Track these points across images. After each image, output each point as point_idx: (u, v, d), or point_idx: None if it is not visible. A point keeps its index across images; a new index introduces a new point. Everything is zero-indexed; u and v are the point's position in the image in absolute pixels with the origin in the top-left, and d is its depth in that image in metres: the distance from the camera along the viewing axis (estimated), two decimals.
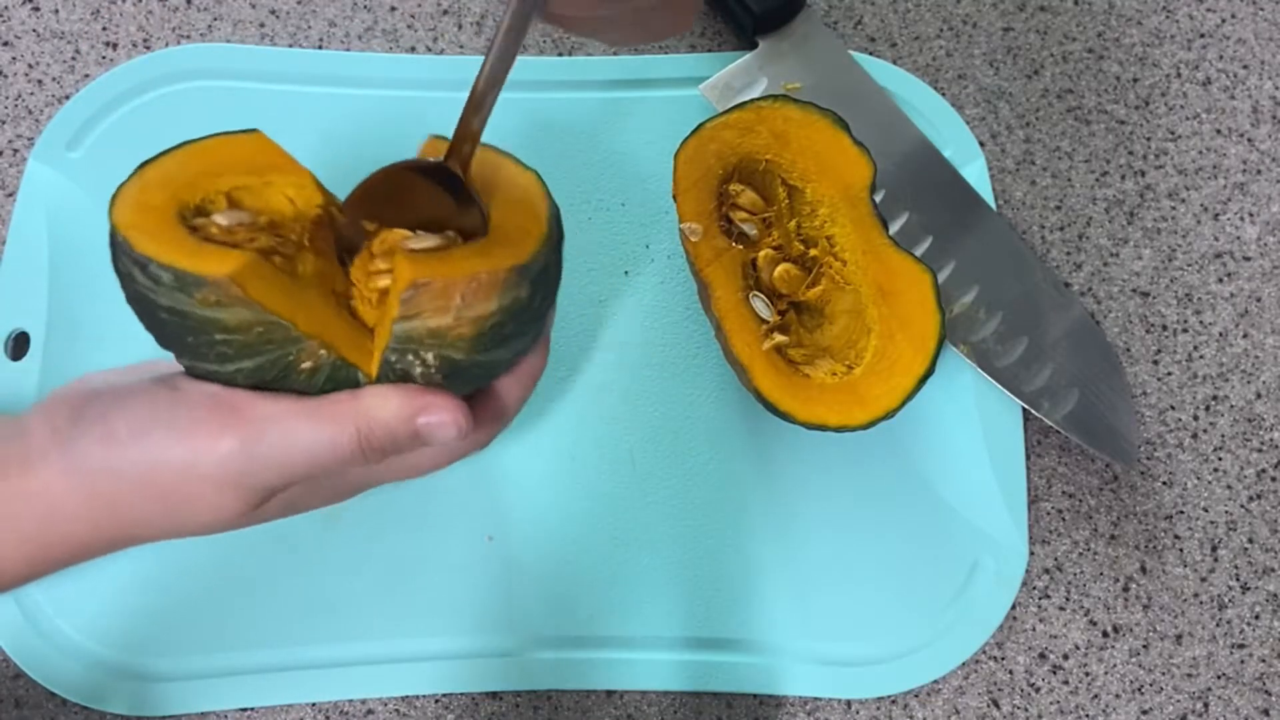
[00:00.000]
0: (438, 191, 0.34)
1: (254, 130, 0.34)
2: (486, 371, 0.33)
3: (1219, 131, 0.52)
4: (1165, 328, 0.49)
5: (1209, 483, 0.47)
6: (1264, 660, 0.45)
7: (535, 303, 0.32)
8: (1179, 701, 0.44)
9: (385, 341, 0.31)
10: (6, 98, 0.52)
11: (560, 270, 0.35)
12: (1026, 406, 0.46)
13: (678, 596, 0.45)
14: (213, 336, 0.30)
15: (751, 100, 0.43)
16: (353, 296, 0.34)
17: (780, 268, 0.44)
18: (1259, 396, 0.48)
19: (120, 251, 0.30)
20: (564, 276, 0.48)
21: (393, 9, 0.54)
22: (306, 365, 0.31)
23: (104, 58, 0.52)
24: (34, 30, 0.53)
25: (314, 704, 0.44)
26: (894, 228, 0.48)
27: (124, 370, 0.34)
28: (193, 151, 0.34)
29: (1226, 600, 0.46)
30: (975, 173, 0.50)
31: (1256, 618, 0.45)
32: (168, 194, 0.32)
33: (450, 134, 0.34)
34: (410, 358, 0.31)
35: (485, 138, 0.34)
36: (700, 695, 0.44)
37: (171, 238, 0.30)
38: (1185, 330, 0.49)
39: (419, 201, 0.34)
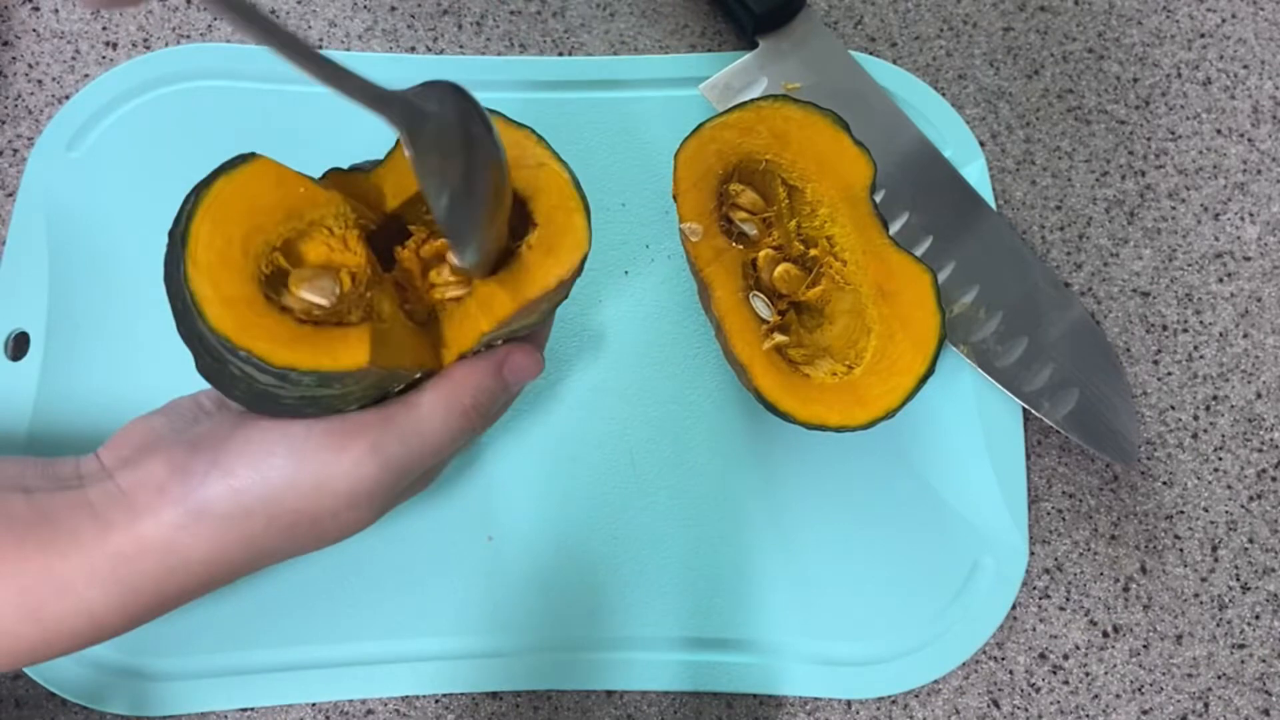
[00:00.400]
0: None
1: (254, 157, 0.32)
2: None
3: (1219, 131, 0.52)
4: (1165, 328, 0.49)
5: (1209, 483, 0.47)
6: (1264, 660, 0.45)
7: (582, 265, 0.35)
8: (1179, 702, 0.44)
9: (469, 347, 0.33)
10: (6, 98, 0.52)
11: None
12: (1027, 406, 0.46)
13: (678, 596, 0.45)
14: (336, 407, 0.32)
15: (751, 100, 0.43)
16: (408, 298, 0.35)
17: (780, 268, 0.43)
18: (1259, 396, 0.48)
19: (236, 359, 0.29)
20: None
21: (393, 9, 0.54)
22: (399, 387, 0.33)
23: (104, 58, 0.52)
24: (34, 30, 0.53)
25: (314, 704, 0.44)
26: (894, 228, 0.48)
27: (173, 414, 0.34)
28: (219, 209, 0.30)
29: (1227, 600, 0.46)
30: (975, 173, 0.50)
31: (1257, 618, 0.45)
32: (238, 275, 0.30)
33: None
34: (483, 347, 0.34)
35: None
36: (700, 695, 0.44)
37: (293, 337, 0.30)
38: (1185, 330, 0.49)
39: None
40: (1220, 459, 0.47)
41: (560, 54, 0.53)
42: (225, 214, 0.30)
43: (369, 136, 0.51)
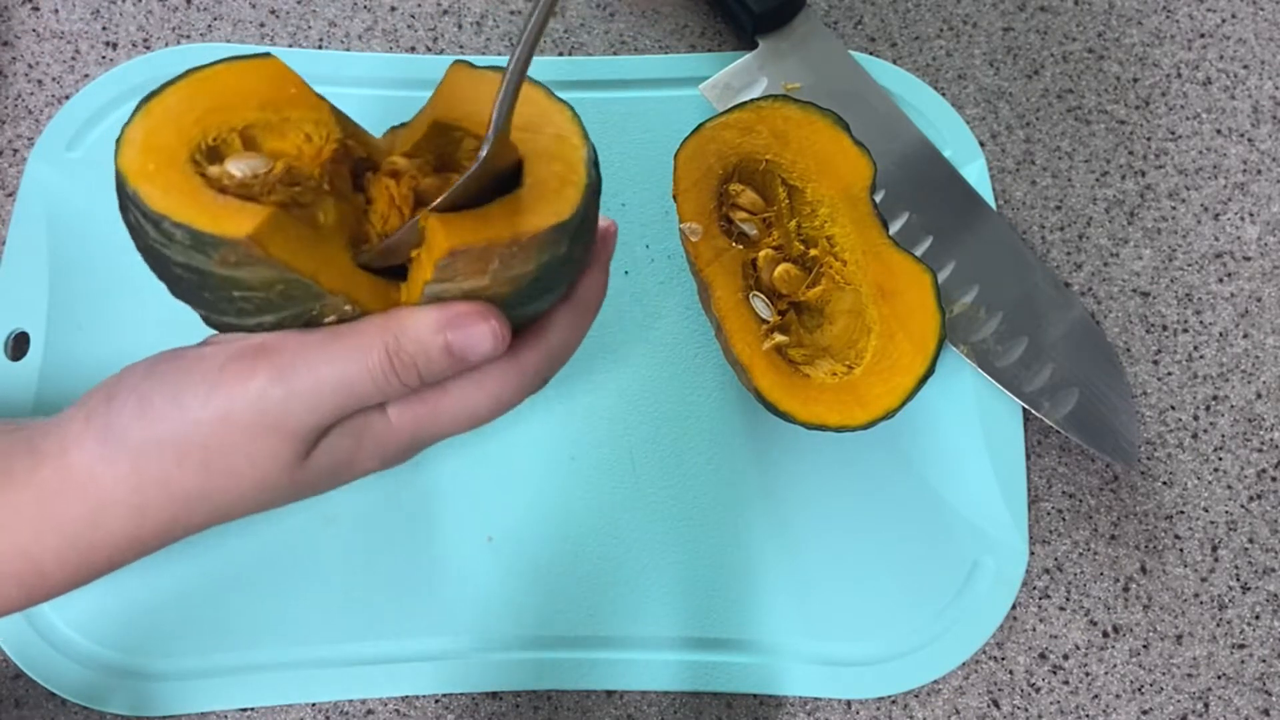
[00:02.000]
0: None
1: (267, 55, 0.32)
2: (523, 319, 0.32)
3: (1219, 131, 0.52)
4: (1165, 328, 0.49)
5: (1209, 483, 0.47)
6: (1264, 660, 0.45)
7: (574, 254, 0.31)
8: (1179, 702, 0.44)
9: (415, 300, 0.29)
10: (6, 98, 0.52)
11: (597, 217, 0.33)
12: (1027, 406, 0.46)
13: (678, 596, 0.45)
14: (231, 294, 0.29)
15: (751, 100, 0.43)
16: (371, 227, 0.32)
17: (780, 268, 0.43)
18: (1259, 396, 0.48)
19: (130, 203, 0.28)
20: None
21: (393, 9, 0.54)
22: (331, 319, 0.30)
23: (104, 58, 0.52)
24: (34, 30, 0.53)
25: (314, 704, 0.44)
26: (894, 228, 0.48)
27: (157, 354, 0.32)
28: (200, 82, 0.31)
29: (1227, 600, 0.46)
30: (975, 173, 0.50)
31: (1257, 618, 0.45)
32: (177, 135, 0.29)
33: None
34: None
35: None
36: (700, 695, 0.44)
37: (185, 189, 0.28)
38: (1185, 330, 0.49)
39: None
40: (1220, 459, 0.47)
41: (560, 54, 0.53)
42: (199, 87, 0.30)
43: None
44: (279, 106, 0.31)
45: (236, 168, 0.29)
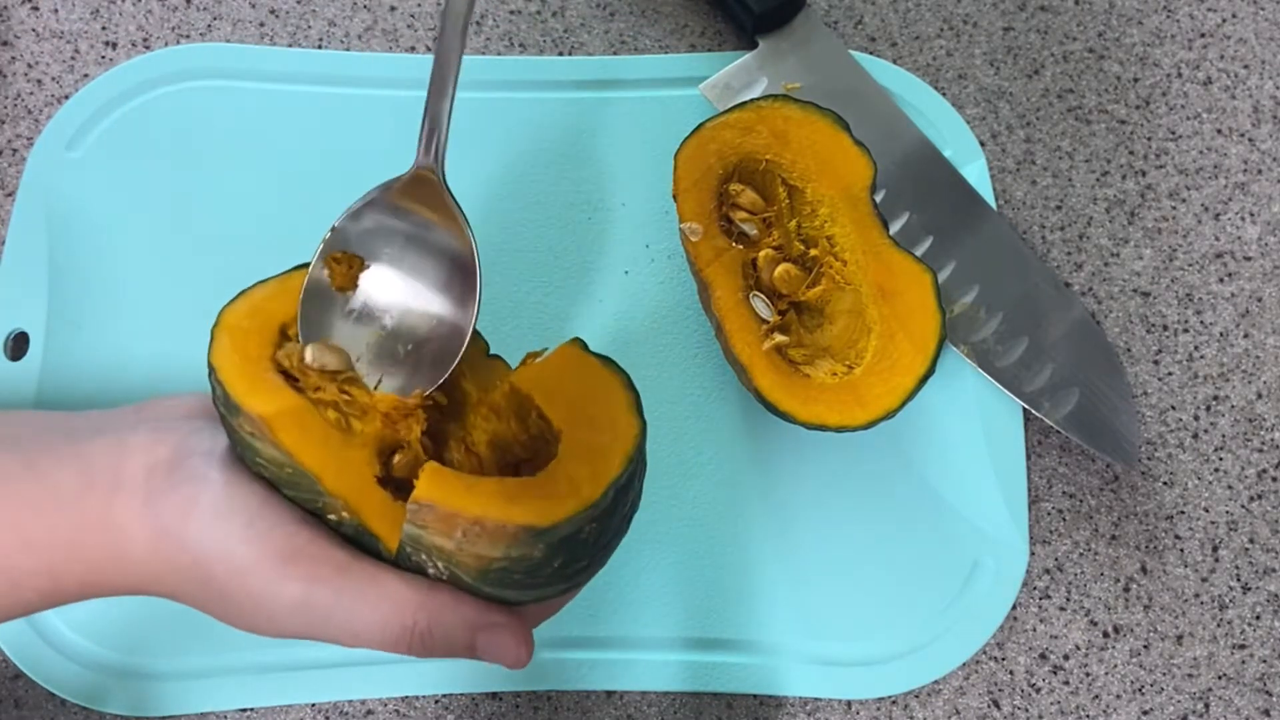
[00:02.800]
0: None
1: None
2: (499, 600, 0.31)
3: (1220, 131, 0.52)
4: (1166, 328, 0.49)
5: (1210, 483, 0.47)
6: (1265, 661, 0.45)
7: (556, 564, 0.30)
8: (1180, 702, 0.44)
9: (400, 532, 0.30)
10: (6, 97, 0.52)
11: (612, 540, 0.32)
12: (1027, 406, 0.46)
13: (678, 596, 0.45)
14: (255, 459, 0.31)
15: (751, 100, 0.43)
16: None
17: (780, 268, 0.43)
18: (1260, 396, 0.48)
19: (208, 360, 0.31)
20: (564, 276, 0.49)
21: (393, 9, 0.54)
22: (332, 518, 0.31)
23: (103, 57, 0.52)
24: (33, 30, 0.53)
25: (314, 704, 0.44)
26: (894, 227, 0.48)
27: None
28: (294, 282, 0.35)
29: (1227, 600, 0.45)
30: (975, 172, 0.50)
31: (1257, 618, 0.45)
32: (288, 308, 0.33)
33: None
34: (424, 557, 0.30)
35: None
36: (700, 696, 0.44)
37: (246, 357, 0.31)
38: (1186, 330, 0.49)
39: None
40: (1221, 459, 0.47)
41: (560, 54, 0.53)
42: (279, 284, 0.34)
43: (369, 136, 0.51)
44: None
45: (310, 354, 0.32)
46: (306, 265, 0.34)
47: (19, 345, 0.47)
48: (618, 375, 0.33)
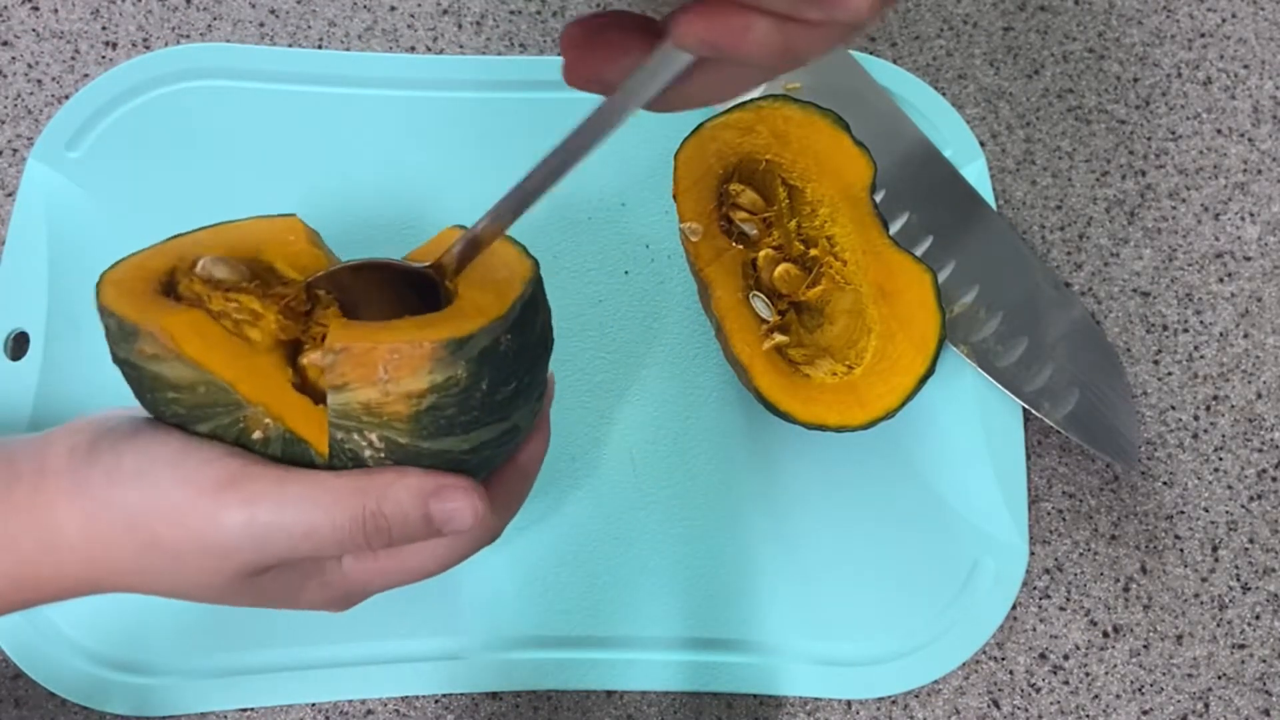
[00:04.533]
0: (412, 297, 0.33)
1: (291, 215, 0.35)
2: (444, 462, 0.30)
3: (1219, 131, 0.52)
4: (1166, 328, 0.49)
5: (1209, 483, 0.47)
6: (1264, 660, 0.45)
7: (484, 387, 0.29)
8: (1179, 702, 0.44)
9: (328, 417, 0.29)
10: (6, 97, 0.52)
11: (535, 357, 0.32)
12: (1027, 407, 0.46)
13: (678, 596, 0.45)
14: (164, 394, 0.30)
15: (751, 100, 0.43)
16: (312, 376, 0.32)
17: (780, 268, 0.43)
18: (1259, 396, 0.48)
19: (98, 307, 0.31)
20: (564, 276, 0.49)
21: (392, 9, 0.54)
22: (258, 434, 0.30)
23: (103, 57, 0.52)
24: (33, 30, 0.53)
25: (314, 704, 0.44)
26: (894, 227, 0.48)
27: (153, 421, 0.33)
28: (224, 229, 0.34)
29: (1227, 600, 0.46)
30: (975, 172, 0.50)
31: (1257, 618, 0.45)
32: (168, 260, 0.32)
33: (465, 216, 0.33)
34: (356, 437, 0.29)
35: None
36: (700, 696, 0.44)
37: (135, 291, 0.30)
38: (1186, 330, 0.49)
39: (390, 300, 0.33)
40: (1220, 459, 0.47)
41: (560, 53, 0.53)
42: (214, 234, 0.34)
43: (368, 136, 0.51)
44: (271, 248, 0.33)
45: (201, 265, 0.32)
46: (180, 234, 0.34)
47: (19, 345, 0.47)
48: (506, 240, 0.34)
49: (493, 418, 0.30)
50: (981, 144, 0.52)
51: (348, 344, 0.28)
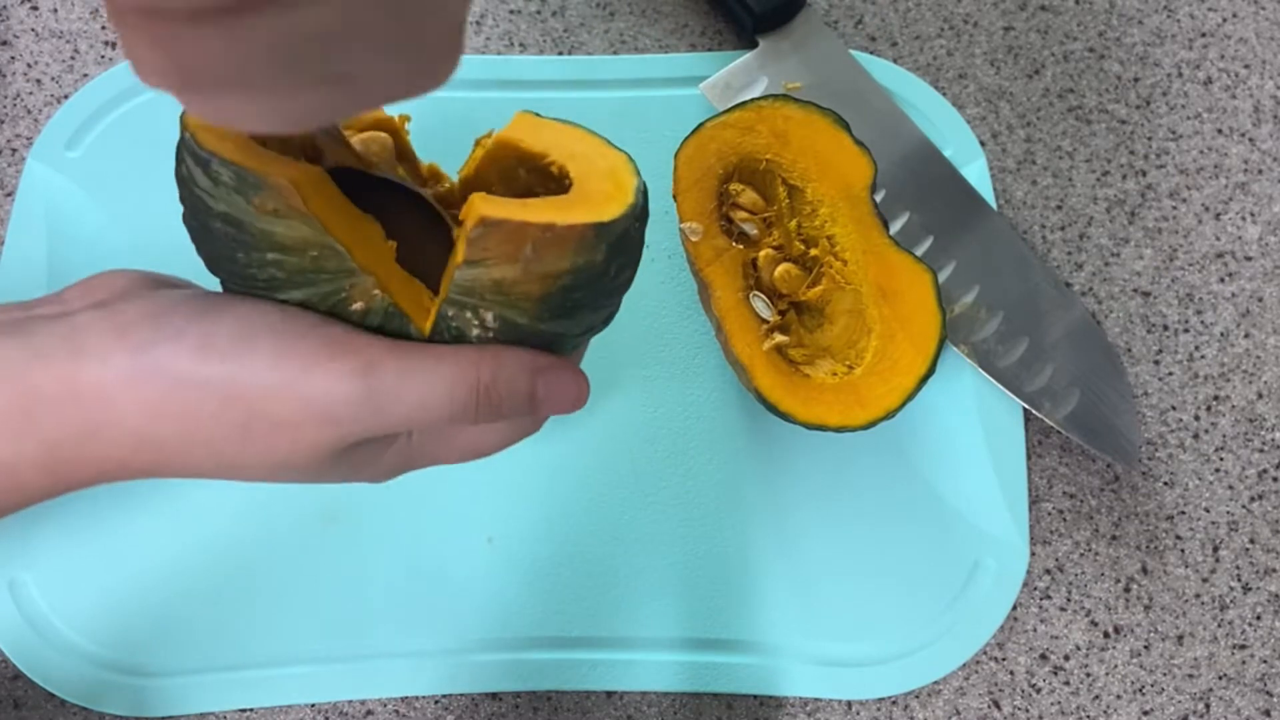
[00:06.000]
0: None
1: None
2: (544, 346, 0.31)
3: (1220, 131, 0.52)
4: (1166, 328, 0.49)
5: (1210, 483, 0.47)
6: (1265, 661, 0.45)
7: (611, 272, 0.30)
8: (1180, 702, 0.44)
9: (446, 292, 0.28)
10: (5, 97, 0.52)
11: (641, 248, 0.32)
12: (1027, 407, 0.46)
13: (678, 597, 0.45)
14: (265, 255, 0.28)
15: (752, 100, 0.43)
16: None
17: (780, 267, 0.43)
18: (1260, 396, 0.48)
19: (184, 151, 0.28)
20: None
21: None
22: (358, 306, 0.28)
23: (103, 57, 0.52)
24: (33, 30, 0.53)
25: (313, 704, 0.44)
26: (894, 227, 0.48)
27: (165, 279, 0.30)
28: None
29: (1228, 601, 0.45)
30: (976, 172, 0.50)
31: (1258, 618, 0.45)
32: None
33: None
34: (469, 314, 0.29)
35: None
36: (700, 696, 0.44)
37: (240, 140, 0.28)
38: (1186, 330, 0.49)
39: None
40: (1221, 459, 0.47)
41: (560, 53, 0.53)
42: None
43: None
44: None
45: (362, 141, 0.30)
46: None
47: None
48: (579, 126, 0.33)
49: (608, 301, 0.31)
50: (982, 144, 0.52)
51: (502, 218, 0.27)
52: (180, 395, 0.26)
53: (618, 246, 0.30)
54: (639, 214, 0.30)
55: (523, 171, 0.33)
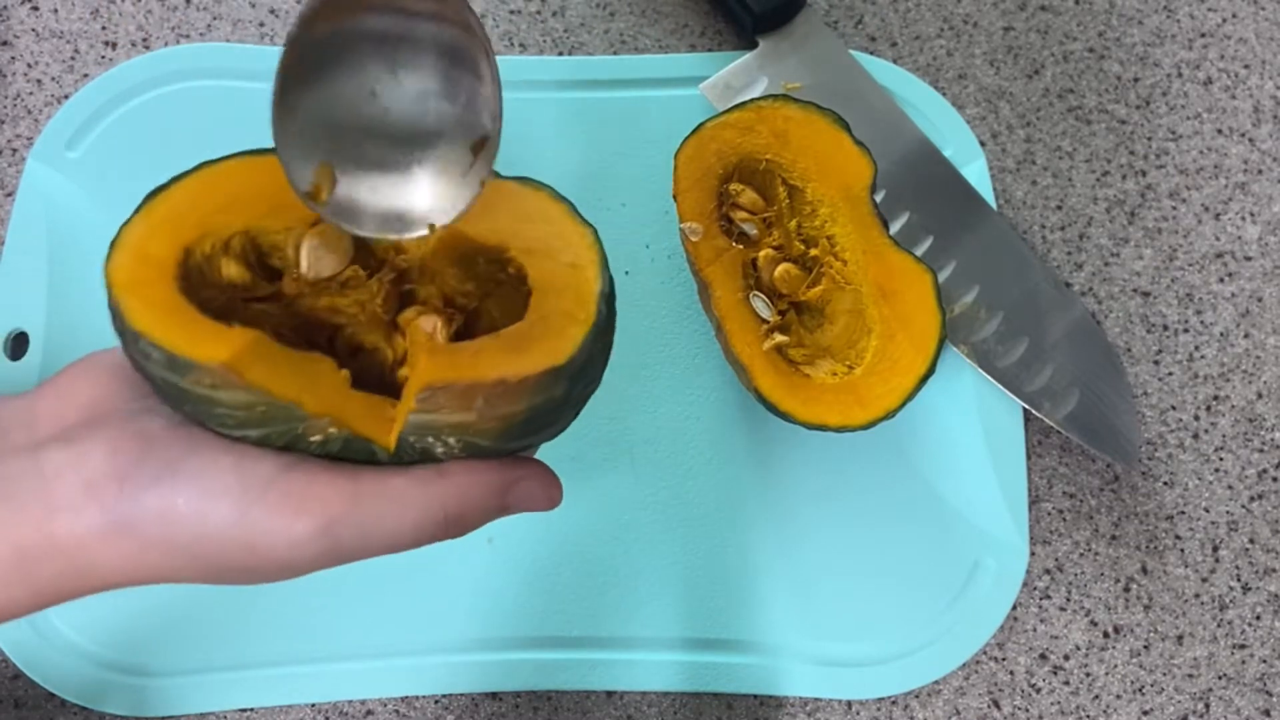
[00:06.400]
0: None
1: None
2: (515, 452, 0.30)
3: (1220, 131, 0.52)
4: (1166, 328, 0.49)
5: (1210, 483, 0.47)
6: (1265, 661, 0.45)
7: (573, 394, 0.29)
8: (1180, 702, 0.44)
9: (401, 427, 0.28)
10: (5, 97, 0.52)
11: (608, 353, 0.31)
12: (1027, 407, 0.46)
13: (678, 596, 0.45)
14: (212, 410, 0.28)
15: (752, 100, 0.43)
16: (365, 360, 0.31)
17: (780, 267, 0.43)
18: (1260, 396, 0.48)
19: (114, 315, 0.28)
20: None
21: None
22: (316, 438, 0.28)
23: (103, 57, 0.52)
24: (33, 30, 0.53)
25: (313, 705, 0.44)
26: (894, 227, 0.48)
27: (127, 374, 0.30)
28: (208, 179, 0.30)
29: (1228, 601, 0.45)
30: (976, 172, 0.50)
31: (1258, 618, 0.45)
32: (173, 241, 0.29)
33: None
34: (430, 439, 0.28)
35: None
36: (700, 696, 0.44)
37: (166, 306, 0.27)
38: (1186, 330, 0.49)
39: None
40: (1221, 459, 0.47)
41: (560, 53, 0.53)
42: (208, 183, 0.29)
43: None
44: (285, 210, 0.30)
45: (308, 263, 0.29)
46: (155, 193, 0.29)
47: (19, 345, 0.47)
48: (541, 189, 0.31)
49: (573, 412, 0.31)
50: (982, 144, 0.52)
51: (449, 381, 0.27)
52: (154, 552, 0.28)
53: (579, 374, 0.29)
54: (599, 328, 0.29)
55: (481, 261, 0.31)
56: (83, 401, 0.29)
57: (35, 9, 0.53)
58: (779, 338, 0.42)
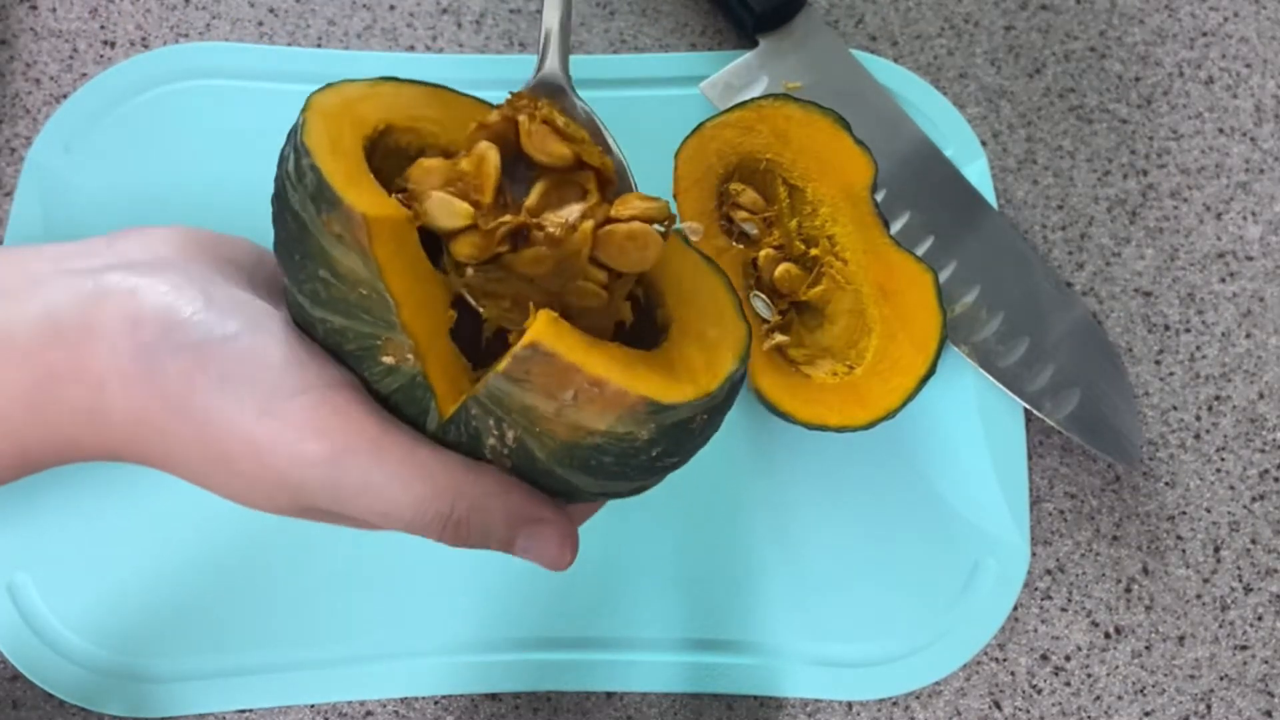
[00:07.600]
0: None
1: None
2: (556, 488, 0.28)
3: (1221, 131, 0.52)
4: (1168, 327, 0.49)
5: (1212, 483, 0.47)
6: (1267, 661, 0.45)
7: (652, 454, 0.27)
8: (1181, 703, 0.44)
9: (479, 389, 0.26)
10: (4, 97, 0.52)
11: (703, 442, 0.29)
12: (1028, 407, 0.46)
13: (678, 597, 0.45)
14: (316, 269, 0.26)
15: (752, 99, 0.43)
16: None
17: (781, 267, 0.43)
18: (1262, 396, 0.48)
19: (296, 130, 0.27)
20: None
21: (392, 8, 0.53)
22: (387, 359, 0.27)
23: (102, 56, 0.52)
24: (31, 29, 0.53)
25: (313, 705, 0.44)
26: (895, 227, 0.48)
27: (231, 250, 0.29)
28: (432, 92, 0.31)
29: (1229, 601, 0.45)
30: (977, 172, 0.50)
31: (1259, 619, 0.45)
32: (380, 115, 0.28)
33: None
34: (490, 422, 0.26)
35: None
36: (700, 697, 0.44)
37: (347, 148, 0.27)
38: (1188, 330, 0.49)
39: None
40: (1223, 459, 0.47)
41: None
42: (431, 92, 0.31)
43: None
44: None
45: (429, 159, 0.28)
46: (391, 79, 0.30)
47: None
48: (719, 275, 0.31)
49: (640, 478, 0.28)
50: (983, 143, 0.52)
51: (556, 351, 0.25)
52: (164, 413, 0.26)
53: (670, 433, 0.27)
54: (714, 405, 0.27)
55: (640, 290, 0.31)
56: (160, 251, 0.29)
57: (33, 8, 0.53)
58: (779, 338, 0.42)
